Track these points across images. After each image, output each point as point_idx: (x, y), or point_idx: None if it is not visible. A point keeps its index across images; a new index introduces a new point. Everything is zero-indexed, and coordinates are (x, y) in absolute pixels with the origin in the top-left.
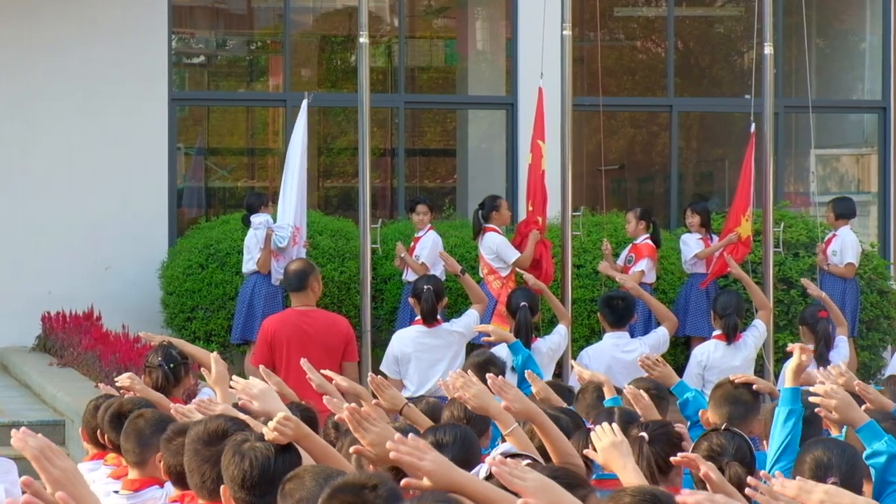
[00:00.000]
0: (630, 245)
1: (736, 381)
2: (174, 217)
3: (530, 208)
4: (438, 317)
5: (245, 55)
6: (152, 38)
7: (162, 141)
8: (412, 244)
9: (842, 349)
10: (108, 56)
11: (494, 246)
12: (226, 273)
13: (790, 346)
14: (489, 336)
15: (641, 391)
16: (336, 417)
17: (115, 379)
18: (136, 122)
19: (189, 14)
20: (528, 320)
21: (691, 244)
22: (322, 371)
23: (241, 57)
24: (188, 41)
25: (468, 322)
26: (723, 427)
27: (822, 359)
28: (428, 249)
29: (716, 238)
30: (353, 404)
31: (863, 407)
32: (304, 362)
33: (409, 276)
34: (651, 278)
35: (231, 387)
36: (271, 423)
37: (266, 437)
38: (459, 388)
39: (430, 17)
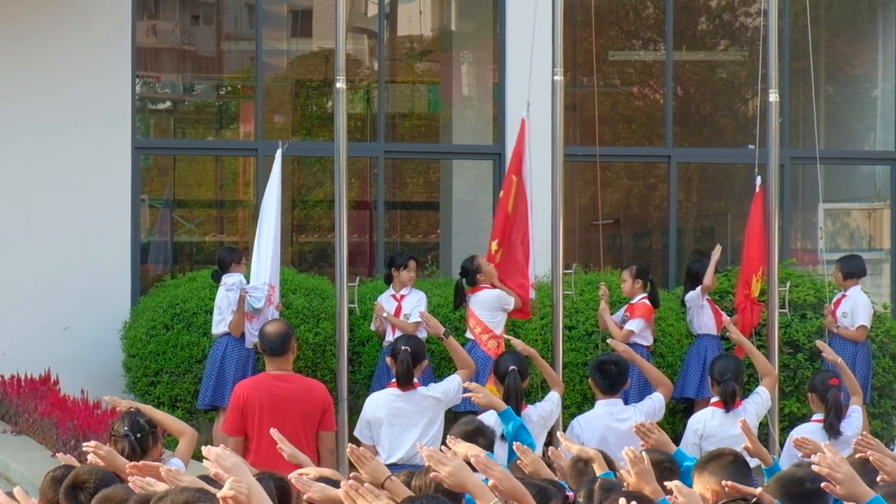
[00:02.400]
0: (626, 305)
1: (740, 424)
2: (137, 274)
3: (494, 248)
4: (416, 380)
5: (214, 101)
6: (114, 82)
7: (125, 192)
8: (397, 304)
9: (855, 419)
10: (67, 101)
11: (493, 302)
12: (192, 334)
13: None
14: (479, 397)
15: (643, 454)
16: (305, 497)
17: (85, 446)
18: (97, 171)
19: (154, 56)
20: (517, 386)
21: (696, 298)
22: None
23: (209, 102)
24: (153, 85)
25: (448, 388)
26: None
27: (832, 429)
28: (422, 308)
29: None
30: (352, 480)
31: (878, 479)
32: (273, 432)
33: (392, 338)
34: (647, 340)
35: (203, 455)
36: (226, 486)
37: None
38: (433, 464)
39: (413, 61)
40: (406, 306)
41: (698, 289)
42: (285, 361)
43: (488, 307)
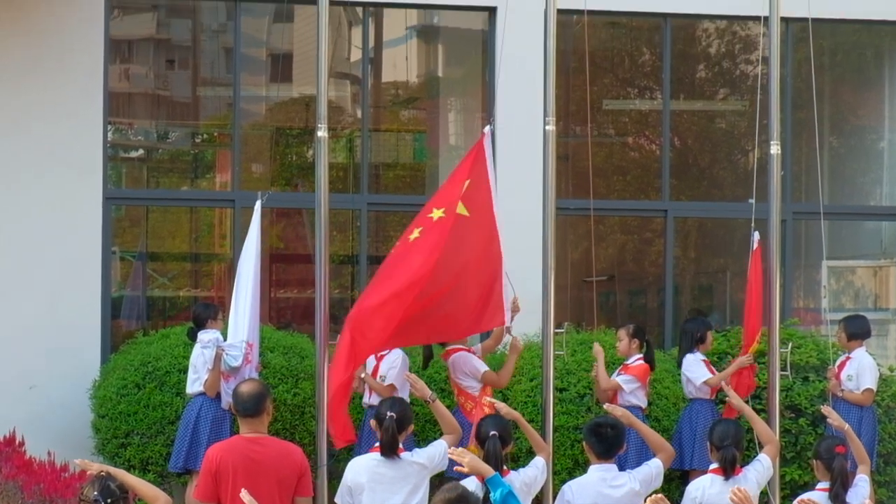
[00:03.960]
0: (621, 366)
1: (732, 494)
2: (108, 330)
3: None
4: (400, 445)
5: (189, 148)
6: (85, 129)
7: (95, 244)
8: (376, 363)
9: (861, 489)
10: (35, 148)
11: (463, 363)
12: (165, 394)
13: None
14: (465, 462)
15: None
16: None
17: None
18: (65, 222)
19: (127, 102)
20: (497, 451)
21: (696, 368)
22: None
23: (184, 150)
24: (125, 132)
25: (433, 453)
26: None
27: (838, 499)
28: (397, 369)
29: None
30: None
31: None
32: (244, 494)
33: (372, 399)
34: (642, 402)
35: None
36: None
37: None
38: None
39: (398, 109)
40: (383, 367)
41: (697, 355)
42: (260, 423)
43: (457, 371)
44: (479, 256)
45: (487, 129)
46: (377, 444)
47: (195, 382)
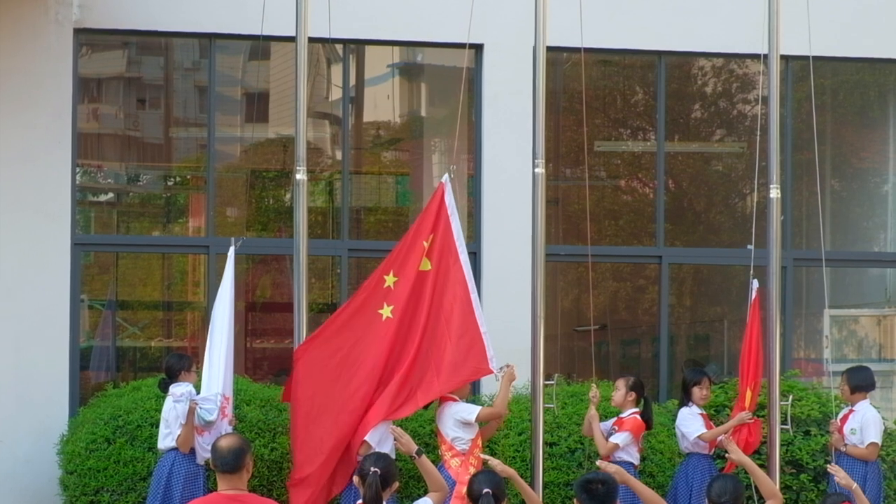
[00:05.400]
0: (615, 418)
1: None
2: (76, 382)
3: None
4: (385, 503)
5: (161, 192)
6: (52, 171)
7: (63, 292)
8: None
9: None
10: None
11: (454, 413)
12: (136, 449)
13: None
14: None
15: None
16: None
17: None
18: (32, 269)
19: (96, 143)
20: None
21: (691, 421)
22: None
23: (156, 194)
24: (94, 175)
25: None
26: None
27: None
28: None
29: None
30: None
31: None
32: None
33: None
34: (634, 459)
35: None
36: None
37: None
38: None
39: (379, 150)
40: None
41: (693, 409)
42: (239, 480)
43: (447, 420)
44: (446, 307)
45: (446, 177)
46: (360, 501)
47: (167, 437)
